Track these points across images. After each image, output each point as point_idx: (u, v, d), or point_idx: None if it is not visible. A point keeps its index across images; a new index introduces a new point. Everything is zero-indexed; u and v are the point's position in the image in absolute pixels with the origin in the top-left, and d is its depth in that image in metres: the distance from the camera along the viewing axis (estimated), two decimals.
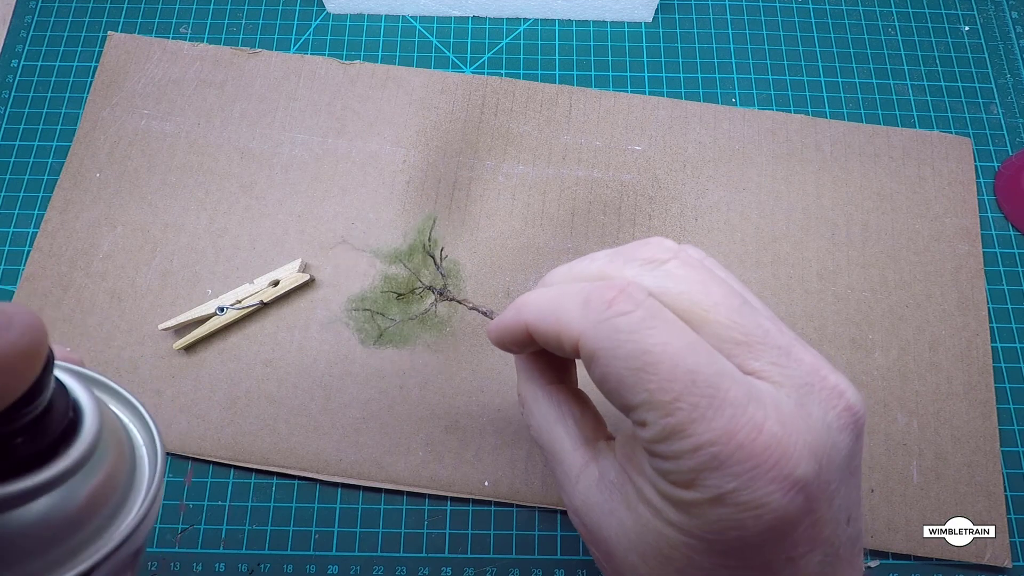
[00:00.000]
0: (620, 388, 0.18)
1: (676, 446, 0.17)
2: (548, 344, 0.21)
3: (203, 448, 0.37)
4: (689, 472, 0.17)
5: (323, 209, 0.42)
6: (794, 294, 0.41)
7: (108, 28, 0.47)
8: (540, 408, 0.23)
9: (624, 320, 0.18)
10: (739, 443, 0.17)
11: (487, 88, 0.45)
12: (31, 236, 0.41)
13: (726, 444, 0.17)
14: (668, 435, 0.17)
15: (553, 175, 0.43)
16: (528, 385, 0.24)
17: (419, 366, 0.38)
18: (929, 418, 0.38)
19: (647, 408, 0.18)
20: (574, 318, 0.19)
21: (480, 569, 0.36)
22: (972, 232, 0.42)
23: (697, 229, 0.42)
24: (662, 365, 0.17)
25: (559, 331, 0.20)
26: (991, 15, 0.50)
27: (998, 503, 0.37)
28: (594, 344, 0.18)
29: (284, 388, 0.38)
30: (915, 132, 0.45)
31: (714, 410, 0.17)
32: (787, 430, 0.17)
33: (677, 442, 0.17)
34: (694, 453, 0.17)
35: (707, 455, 0.17)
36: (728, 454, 0.17)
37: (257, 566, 0.36)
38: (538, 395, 0.24)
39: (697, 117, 0.45)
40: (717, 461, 0.17)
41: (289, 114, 0.44)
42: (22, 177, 0.43)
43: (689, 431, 0.17)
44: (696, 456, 0.17)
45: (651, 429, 0.18)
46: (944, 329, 0.40)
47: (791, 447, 0.17)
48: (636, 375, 0.18)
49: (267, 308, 0.39)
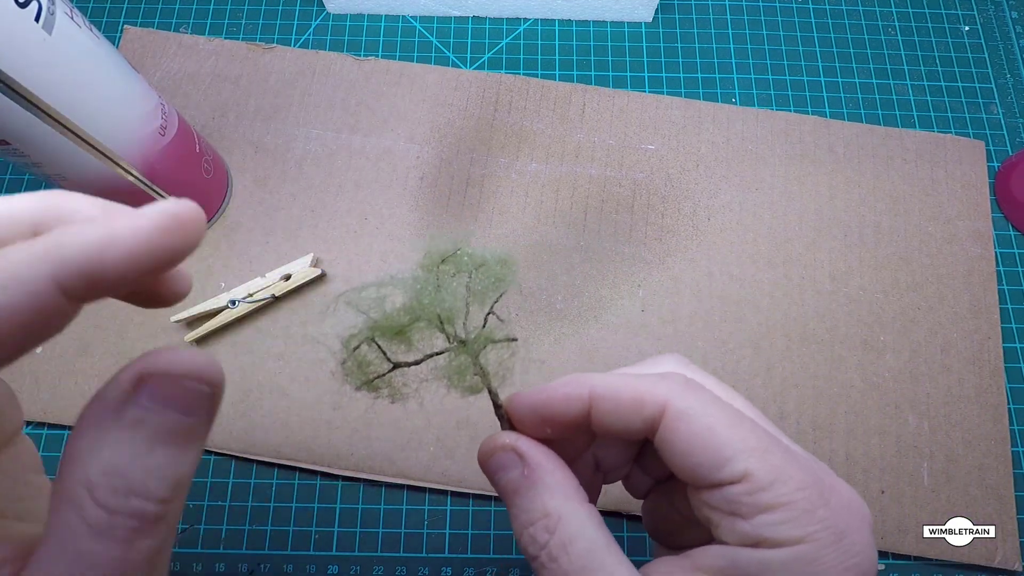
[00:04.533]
0: (711, 442, 0.18)
1: (783, 489, 0.17)
2: (615, 417, 0.19)
3: (214, 441, 0.37)
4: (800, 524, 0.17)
5: (336, 204, 0.42)
6: (806, 295, 0.41)
7: (108, 28, 0.47)
8: (586, 532, 0.18)
9: (707, 389, 0.19)
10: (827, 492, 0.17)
11: (501, 86, 0.45)
12: None
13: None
14: (775, 478, 0.17)
15: (566, 173, 0.43)
16: (564, 504, 0.19)
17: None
18: (940, 420, 0.38)
19: (748, 455, 0.17)
20: (655, 384, 0.19)
21: (480, 569, 0.36)
22: (984, 235, 0.42)
23: (709, 229, 0.42)
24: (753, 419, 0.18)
25: (639, 396, 0.19)
26: (991, 15, 0.50)
27: (1008, 505, 0.37)
28: (683, 402, 0.18)
29: (296, 382, 0.38)
30: (928, 135, 0.45)
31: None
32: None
33: (783, 486, 0.17)
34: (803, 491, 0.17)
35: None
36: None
37: (257, 566, 0.36)
38: (580, 516, 0.19)
39: (710, 117, 0.45)
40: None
41: (303, 109, 0.44)
42: (23, 176, 0.43)
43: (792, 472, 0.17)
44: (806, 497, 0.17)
45: (754, 477, 0.17)
46: (956, 332, 0.40)
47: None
48: (733, 426, 0.18)
49: (279, 302, 0.39)
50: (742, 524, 0.17)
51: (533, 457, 0.20)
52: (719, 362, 0.39)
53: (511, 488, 0.20)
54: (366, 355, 0.21)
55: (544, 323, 0.40)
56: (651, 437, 0.19)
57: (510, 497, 0.20)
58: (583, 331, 0.40)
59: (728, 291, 0.41)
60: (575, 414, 0.20)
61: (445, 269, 0.21)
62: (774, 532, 0.17)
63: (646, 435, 0.19)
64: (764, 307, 0.40)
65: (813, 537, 0.17)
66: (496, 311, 0.22)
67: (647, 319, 0.40)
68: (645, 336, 0.39)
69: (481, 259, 0.21)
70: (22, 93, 0.26)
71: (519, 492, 0.20)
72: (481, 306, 0.22)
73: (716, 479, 0.18)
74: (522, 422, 0.21)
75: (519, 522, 0.19)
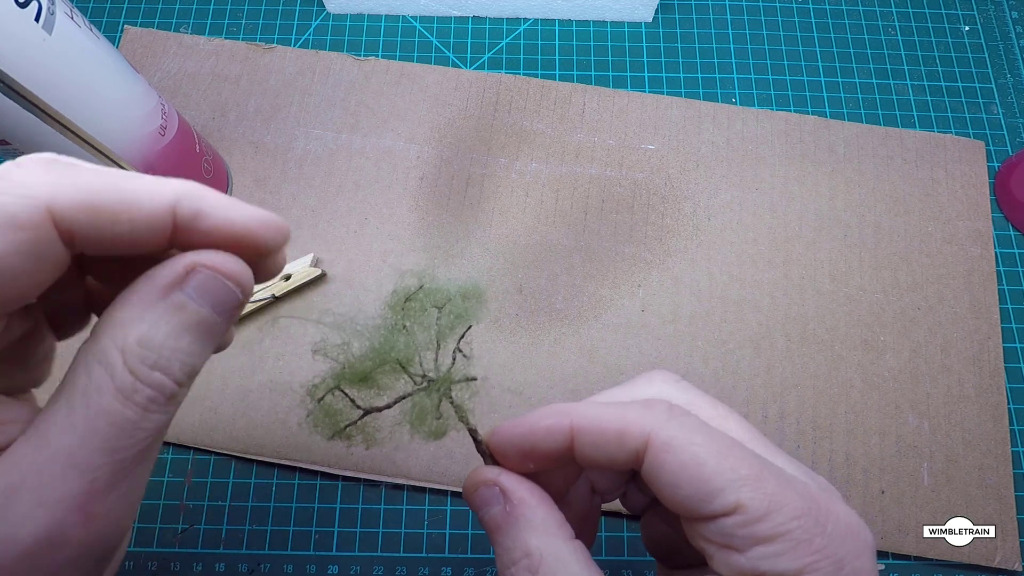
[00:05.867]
0: (699, 474, 0.17)
1: (778, 519, 0.17)
2: (598, 450, 0.19)
3: (214, 440, 0.37)
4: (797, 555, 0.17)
5: (336, 204, 0.42)
6: (806, 295, 0.41)
7: (108, 28, 0.47)
8: (570, 571, 0.18)
9: (693, 415, 0.18)
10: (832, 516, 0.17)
11: (501, 85, 0.45)
12: None
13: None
14: (769, 508, 0.16)
15: (566, 173, 0.43)
16: (547, 542, 0.18)
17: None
18: (940, 420, 0.38)
19: (739, 484, 0.17)
20: (639, 414, 0.18)
21: (480, 569, 0.36)
22: (985, 235, 0.42)
23: (710, 228, 0.42)
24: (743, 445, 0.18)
25: (622, 428, 0.18)
26: (991, 15, 0.50)
27: (1008, 506, 0.37)
28: (668, 432, 0.18)
29: (296, 382, 0.38)
30: (928, 135, 0.45)
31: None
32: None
33: (777, 515, 0.17)
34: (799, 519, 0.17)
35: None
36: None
37: (257, 566, 0.36)
38: (564, 554, 0.18)
39: (710, 117, 0.45)
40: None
41: (303, 109, 0.44)
42: None
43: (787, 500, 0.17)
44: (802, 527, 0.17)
45: (747, 508, 0.17)
46: (956, 332, 0.40)
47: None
48: (721, 455, 0.17)
49: (279, 302, 0.39)
50: (737, 557, 0.17)
51: (515, 493, 0.19)
52: (719, 362, 0.39)
53: (494, 525, 0.19)
54: (332, 404, 0.20)
55: (544, 323, 0.40)
56: (638, 468, 0.18)
57: (493, 534, 0.19)
58: (583, 331, 0.40)
59: (728, 291, 0.41)
60: (557, 447, 0.19)
61: (411, 307, 0.21)
62: (771, 565, 0.16)
63: (632, 467, 0.18)
64: (764, 307, 0.40)
65: (811, 568, 0.16)
66: (462, 347, 0.21)
67: (647, 319, 0.40)
68: (645, 336, 0.39)
69: (446, 295, 0.21)
70: (22, 93, 0.26)
71: (501, 529, 0.19)
72: (451, 340, 0.21)
73: (707, 512, 0.17)
74: (504, 456, 0.20)
75: (502, 562, 0.19)
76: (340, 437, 0.20)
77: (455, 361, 0.21)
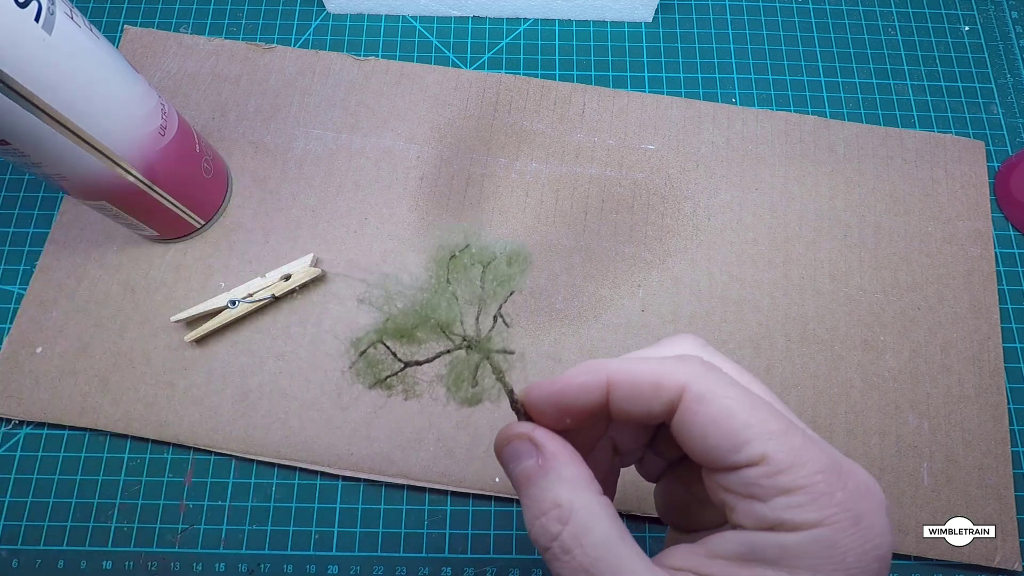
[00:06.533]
0: (729, 425, 0.17)
1: (802, 471, 0.17)
2: (634, 402, 0.19)
3: (214, 440, 0.37)
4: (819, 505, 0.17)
5: (336, 204, 0.42)
6: (806, 295, 0.41)
7: (108, 28, 0.47)
8: (600, 523, 0.18)
9: (725, 372, 0.19)
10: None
11: (501, 85, 0.45)
12: (31, 236, 0.42)
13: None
14: (794, 461, 0.17)
15: (566, 173, 0.43)
16: (578, 494, 0.19)
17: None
18: (940, 420, 0.38)
19: (767, 437, 0.17)
20: (674, 367, 0.19)
21: (480, 569, 0.36)
22: (984, 235, 0.42)
23: (710, 228, 0.42)
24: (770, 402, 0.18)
25: (658, 380, 0.19)
26: (991, 15, 0.50)
27: (1008, 506, 0.37)
28: (702, 384, 0.18)
29: (296, 382, 0.38)
30: (928, 135, 0.45)
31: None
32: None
33: (801, 469, 0.17)
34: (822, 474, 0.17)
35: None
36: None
37: (257, 566, 0.36)
38: (594, 507, 0.18)
39: (710, 117, 0.45)
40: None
41: (303, 109, 0.44)
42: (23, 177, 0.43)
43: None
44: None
45: (772, 459, 0.17)
46: (956, 332, 0.40)
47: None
48: (752, 408, 0.18)
49: (279, 302, 0.39)
50: (759, 507, 0.17)
51: (548, 446, 0.20)
52: None
53: (524, 477, 0.20)
54: (375, 355, 0.21)
55: (544, 323, 0.40)
56: (668, 421, 0.19)
57: (523, 487, 0.20)
58: (583, 331, 0.40)
59: (728, 291, 0.41)
60: (593, 402, 0.19)
61: (456, 264, 0.21)
62: (792, 515, 0.17)
63: (664, 419, 0.19)
64: (764, 307, 0.40)
65: (831, 520, 0.16)
66: (503, 313, 0.22)
67: (647, 319, 0.40)
68: (645, 336, 0.39)
69: (491, 255, 0.21)
70: (22, 93, 0.26)
71: (533, 481, 0.19)
72: (493, 304, 0.21)
73: (733, 462, 0.17)
74: (540, 414, 0.20)
75: (531, 512, 0.19)
76: (381, 387, 0.21)
77: (495, 324, 0.22)
